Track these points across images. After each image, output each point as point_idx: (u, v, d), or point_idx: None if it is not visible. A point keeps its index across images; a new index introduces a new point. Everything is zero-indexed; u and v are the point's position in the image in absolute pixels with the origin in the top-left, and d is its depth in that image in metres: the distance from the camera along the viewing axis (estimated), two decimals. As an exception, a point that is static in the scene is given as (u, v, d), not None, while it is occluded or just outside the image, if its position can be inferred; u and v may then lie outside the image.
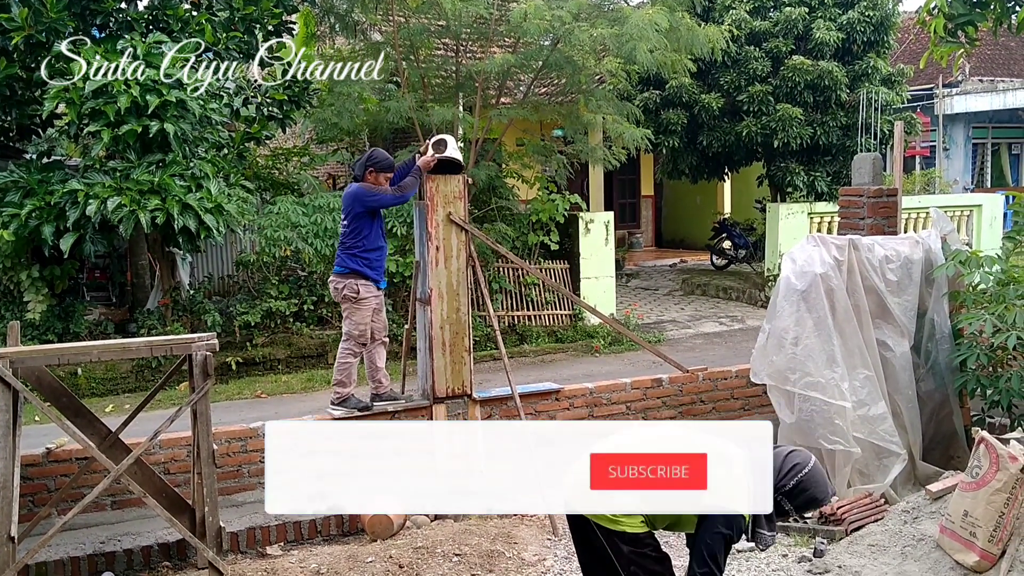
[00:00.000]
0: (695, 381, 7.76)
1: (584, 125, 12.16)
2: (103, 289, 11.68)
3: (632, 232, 21.35)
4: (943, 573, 5.11)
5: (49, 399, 5.48)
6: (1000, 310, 6.39)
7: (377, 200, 6.62)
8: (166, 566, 5.74)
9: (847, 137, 14.36)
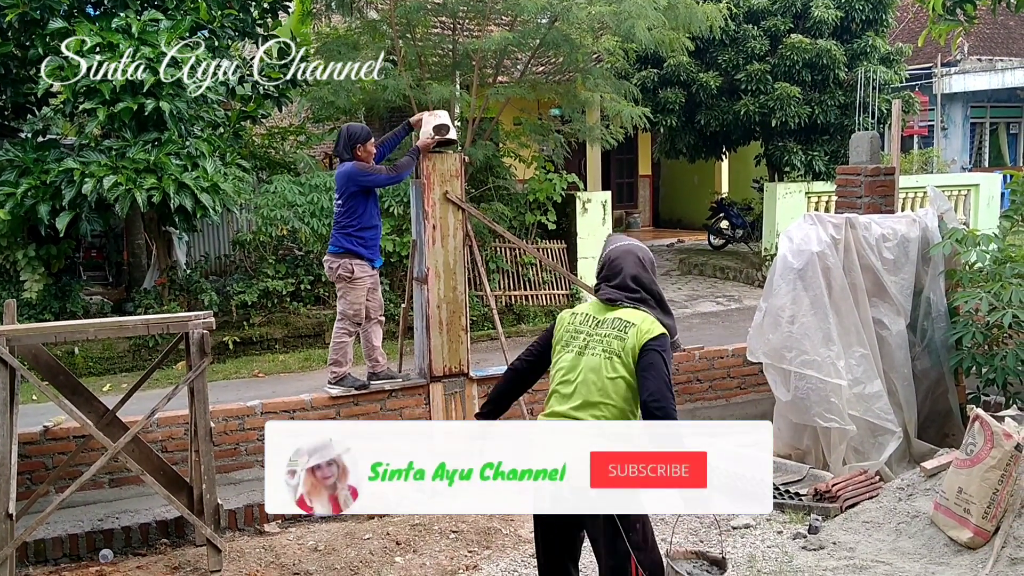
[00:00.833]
0: (692, 360, 7.78)
1: (582, 104, 12.12)
2: (99, 269, 11.68)
3: (629, 212, 21.31)
4: (937, 549, 5.15)
5: (46, 377, 5.48)
6: (996, 288, 6.40)
7: (371, 180, 6.59)
8: (164, 543, 5.77)
9: (845, 116, 14.32)
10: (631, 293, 3.82)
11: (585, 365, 3.73)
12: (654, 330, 3.69)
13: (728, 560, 4.40)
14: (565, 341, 3.85)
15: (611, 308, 3.82)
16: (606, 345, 3.71)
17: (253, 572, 5.25)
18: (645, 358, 3.65)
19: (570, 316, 3.90)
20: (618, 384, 3.68)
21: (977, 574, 4.79)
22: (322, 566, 5.27)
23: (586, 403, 3.70)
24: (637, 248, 3.98)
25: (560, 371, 3.80)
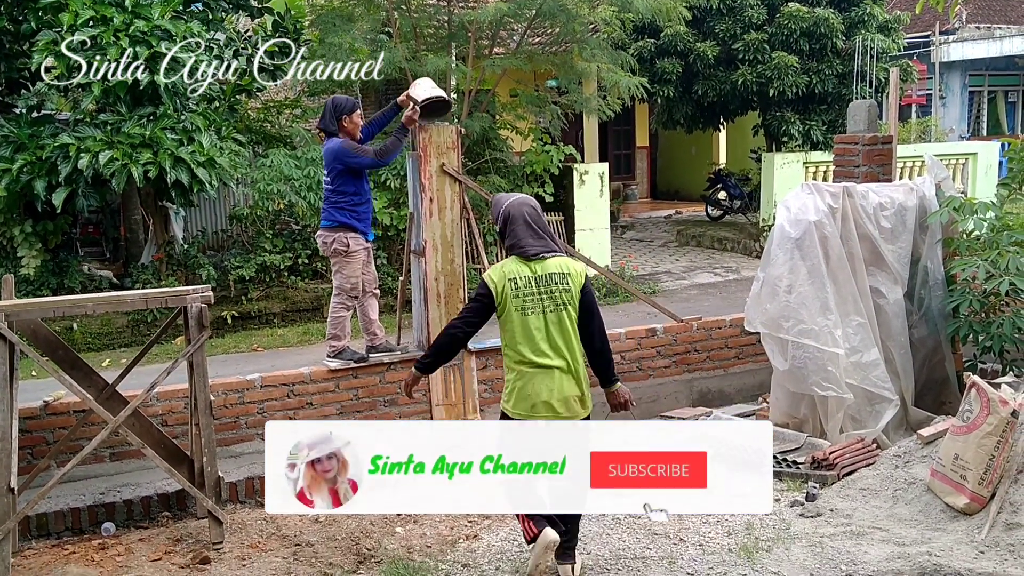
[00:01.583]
0: (689, 331, 7.79)
1: (578, 75, 12.05)
2: (97, 244, 11.67)
3: (627, 183, 21.28)
4: (934, 515, 5.19)
5: (45, 352, 5.49)
6: (993, 256, 6.42)
7: (357, 161, 6.53)
8: (166, 516, 5.80)
9: (843, 85, 14.26)
10: (547, 241, 4.41)
11: (551, 322, 4.34)
12: (582, 271, 4.43)
13: None
14: (519, 306, 4.33)
15: (538, 260, 4.35)
16: (558, 299, 4.33)
17: (255, 543, 5.29)
18: (585, 301, 4.39)
19: (510, 285, 4.33)
20: (573, 328, 4.38)
21: (973, 539, 4.83)
22: (323, 537, 5.31)
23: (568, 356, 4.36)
24: (527, 200, 4.51)
25: (532, 331, 4.33)
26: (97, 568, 5.05)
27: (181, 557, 5.17)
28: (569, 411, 4.40)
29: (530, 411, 4.38)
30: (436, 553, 5.09)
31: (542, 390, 4.35)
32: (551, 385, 4.35)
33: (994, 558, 4.60)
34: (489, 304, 4.39)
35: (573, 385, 4.40)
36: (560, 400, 4.37)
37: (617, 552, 5.00)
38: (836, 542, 4.96)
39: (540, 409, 4.36)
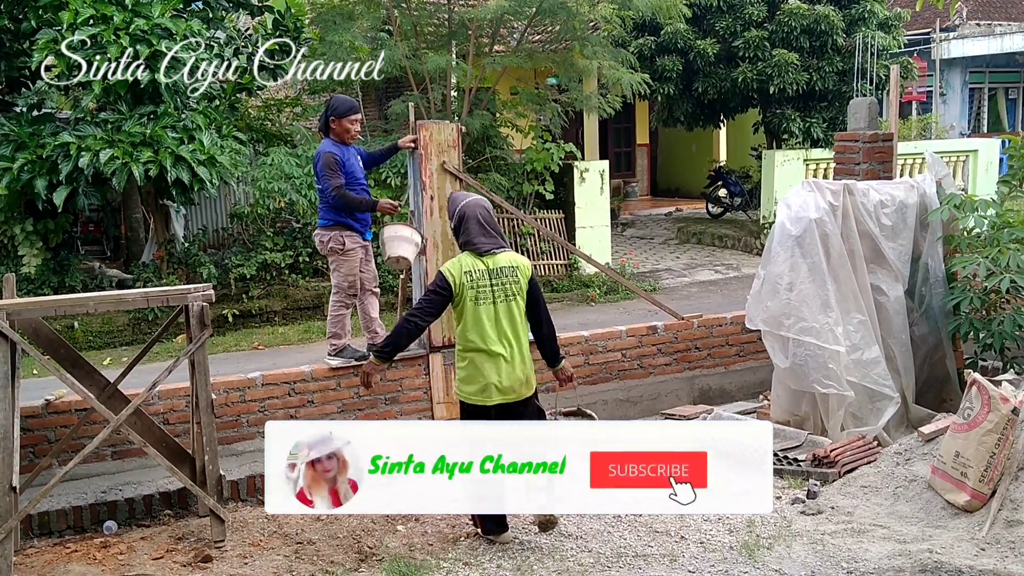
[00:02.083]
0: (690, 328, 7.79)
1: (579, 72, 12.05)
2: (97, 243, 11.67)
3: (627, 181, 21.26)
4: (934, 513, 5.19)
5: (47, 351, 5.49)
6: (994, 253, 6.42)
7: (322, 182, 6.52)
8: (168, 514, 5.81)
9: (843, 83, 14.26)
10: (497, 238, 4.89)
11: (502, 312, 4.80)
12: (528, 265, 4.93)
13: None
14: (472, 297, 4.78)
15: (490, 256, 4.81)
16: (508, 290, 4.80)
17: (256, 542, 5.30)
18: (531, 292, 4.88)
19: (466, 277, 4.77)
20: (524, 317, 4.88)
21: (974, 536, 4.84)
22: (324, 535, 5.32)
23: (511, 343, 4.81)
24: (480, 201, 5.00)
25: (484, 321, 4.78)
26: (99, 566, 5.05)
27: (183, 555, 5.18)
28: (515, 392, 4.86)
29: (481, 393, 4.83)
30: (437, 551, 5.10)
31: (491, 373, 4.80)
32: (499, 368, 4.80)
33: (995, 555, 4.61)
34: (447, 296, 4.81)
35: (519, 368, 4.85)
36: (508, 382, 4.82)
37: (618, 550, 5.00)
38: (837, 539, 4.96)
39: (490, 391, 4.81)
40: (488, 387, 4.80)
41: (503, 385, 4.81)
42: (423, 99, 11.11)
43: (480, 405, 4.86)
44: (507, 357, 4.80)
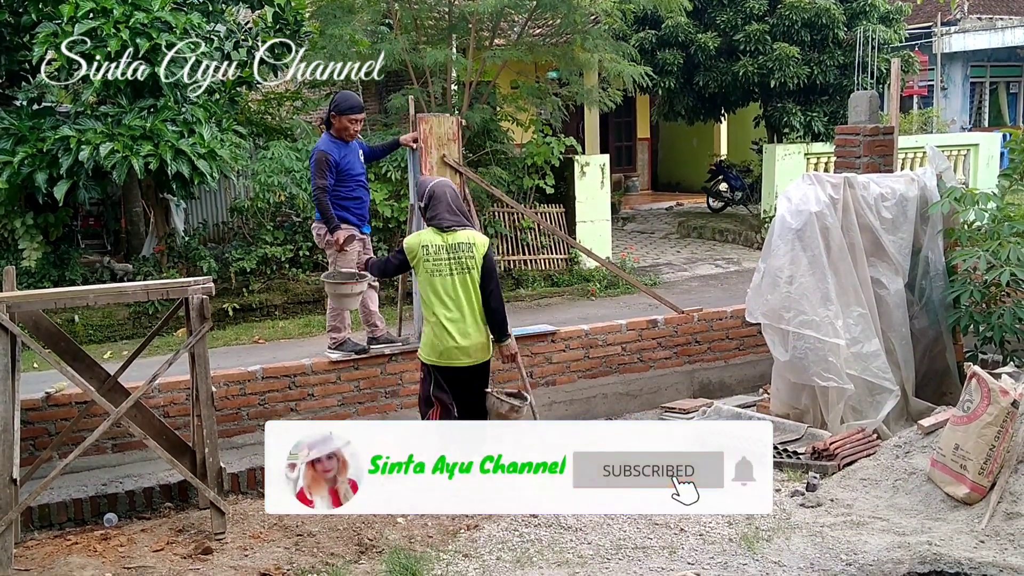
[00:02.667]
0: (690, 322, 7.79)
1: (579, 66, 12.03)
2: (98, 237, 11.66)
3: (628, 175, 21.25)
4: (934, 505, 5.20)
5: (47, 344, 5.50)
6: (994, 247, 6.42)
7: (312, 179, 6.64)
8: (168, 507, 5.82)
9: (844, 76, 14.24)
10: (460, 218, 5.32)
11: (457, 283, 5.22)
12: (485, 241, 5.35)
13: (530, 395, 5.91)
14: (429, 269, 5.24)
15: (450, 232, 5.24)
16: (464, 264, 5.23)
17: (257, 534, 5.30)
18: (486, 267, 5.28)
19: (421, 249, 5.25)
20: (476, 288, 5.25)
21: (973, 529, 4.84)
22: (325, 527, 5.32)
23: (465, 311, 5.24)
24: (448, 182, 5.54)
25: (440, 291, 5.23)
26: (100, 558, 5.06)
27: (183, 547, 5.18)
28: (471, 356, 5.32)
29: (440, 357, 5.30)
30: (437, 543, 5.10)
31: (448, 339, 5.24)
32: (455, 334, 5.24)
33: (994, 547, 4.61)
34: (404, 260, 5.40)
35: (474, 334, 5.29)
36: (464, 346, 5.26)
37: (618, 542, 5.01)
38: (836, 532, 4.97)
39: (449, 354, 5.27)
40: (449, 350, 5.27)
41: (461, 348, 5.26)
42: (423, 93, 11.10)
43: (440, 366, 5.34)
44: (462, 324, 5.25)
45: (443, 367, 5.35)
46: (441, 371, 5.38)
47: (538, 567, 4.75)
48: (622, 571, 4.65)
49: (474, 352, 5.33)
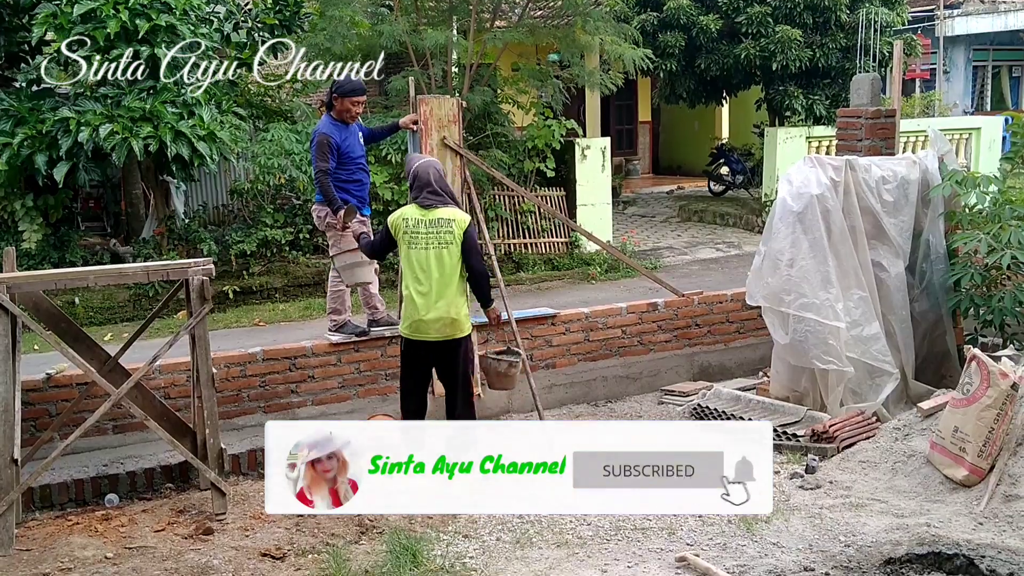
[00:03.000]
0: (690, 305, 7.80)
1: (581, 48, 11.97)
2: (98, 219, 11.63)
3: (629, 159, 21.19)
4: (933, 487, 5.22)
5: (48, 325, 5.50)
6: (995, 230, 6.42)
7: (313, 162, 6.65)
8: (169, 488, 5.85)
9: (847, 59, 14.17)
10: (441, 196, 5.41)
11: (432, 257, 5.31)
12: (466, 219, 5.44)
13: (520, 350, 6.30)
14: (408, 242, 5.35)
15: (431, 210, 5.35)
16: (441, 239, 5.31)
17: (257, 514, 5.32)
18: (466, 243, 5.34)
19: (402, 222, 5.38)
20: (455, 265, 5.34)
21: (972, 511, 4.86)
22: (325, 508, 5.34)
23: (439, 285, 5.31)
24: (433, 162, 5.63)
25: (414, 264, 5.34)
26: (101, 539, 5.08)
27: (184, 528, 5.21)
28: (440, 332, 5.37)
29: (411, 329, 5.40)
30: (437, 524, 5.13)
31: (419, 311, 5.33)
32: (427, 307, 5.32)
33: (992, 529, 4.63)
34: (388, 236, 5.49)
35: (443, 309, 5.32)
36: (433, 320, 5.33)
37: (617, 523, 5.03)
38: (835, 513, 4.99)
39: (419, 327, 5.36)
40: (416, 323, 5.36)
41: (428, 321, 5.33)
42: (423, 75, 11.05)
43: (411, 339, 5.44)
44: (430, 298, 5.32)
45: (411, 340, 5.47)
46: (410, 344, 5.50)
47: (538, 547, 4.77)
48: (621, 552, 4.67)
49: (440, 328, 5.36)
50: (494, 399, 7.11)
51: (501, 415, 7.13)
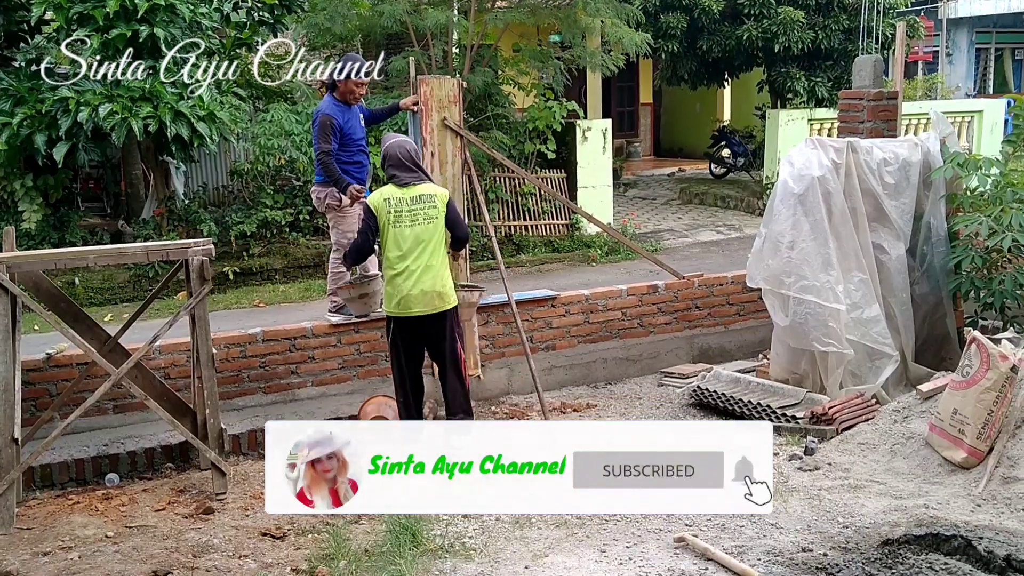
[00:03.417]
0: (691, 287, 7.79)
1: (582, 29, 11.91)
2: (97, 199, 11.62)
3: (630, 141, 21.14)
4: (931, 469, 5.22)
5: (48, 305, 5.51)
6: (996, 212, 6.40)
7: (314, 143, 6.64)
8: (169, 467, 5.86)
9: (849, 41, 14.11)
10: (416, 172, 5.52)
11: (418, 233, 5.40)
12: (446, 195, 5.57)
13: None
14: (391, 220, 5.41)
15: (409, 187, 5.43)
16: (426, 214, 5.42)
17: (257, 494, 5.33)
18: (449, 215, 5.51)
19: (384, 202, 5.42)
20: (440, 238, 5.48)
21: (970, 492, 4.87)
22: (325, 489, 5.35)
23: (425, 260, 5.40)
24: (402, 140, 5.67)
25: (400, 241, 5.40)
26: (101, 518, 5.10)
27: (185, 507, 5.22)
28: (428, 305, 5.44)
29: (399, 306, 5.44)
30: (437, 504, 5.13)
31: (405, 287, 5.39)
32: (412, 282, 5.38)
33: (990, 511, 4.64)
34: (374, 219, 5.47)
35: (429, 282, 5.42)
36: (420, 294, 5.40)
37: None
38: (834, 495, 5.00)
39: (407, 303, 5.41)
40: (403, 299, 5.41)
41: (415, 296, 5.39)
42: (424, 56, 11.01)
43: (399, 317, 5.48)
44: (419, 273, 5.39)
45: (400, 318, 5.49)
46: (398, 323, 5.52)
47: (537, 527, 4.78)
48: (620, 532, 4.68)
49: (428, 302, 5.43)
50: (494, 381, 7.13)
51: (501, 396, 7.15)
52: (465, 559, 4.47)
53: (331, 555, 4.56)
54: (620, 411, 6.77)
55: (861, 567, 4.15)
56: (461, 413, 5.72)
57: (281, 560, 4.55)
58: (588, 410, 6.81)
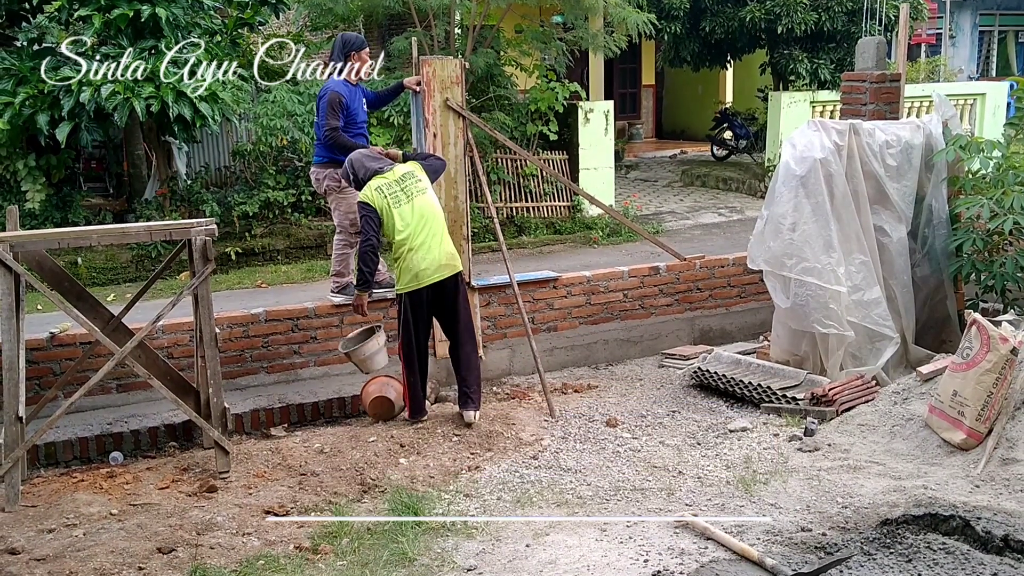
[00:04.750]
0: (692, 269, 7.81)
1: (585, 10, 11.85)
2: (100, 180, 11.60)
3: (632, 123, 21.09)
4: (930, 451, 5.25)
5: (51, 285, 5.52)
6: (998, 195, 6.41)
7: (322, 120, 6.64)
8: (173, 446, 5.90)
9: (852, 23, 14.04)
10: (383, 159, 5.94)
11: (416, 207, 5.75)
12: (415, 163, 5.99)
13: None
14: (391, 204, 5.71)
15: (389, 171, 5.79)
16: (417, 187, 5.80)
17: (261, 473, 5.37)
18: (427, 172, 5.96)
19: (377, 192, 5.72)
20: (435, 205, 5.89)
21: (969, 474, 4.90)
22: (328, 467, 5.39)
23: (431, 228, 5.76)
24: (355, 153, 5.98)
25: (406, 219, 5.70)
26: (106, 495, 5.14)
27: (188, 486, 5.26)
28: (441, 271, 5.79)
29: (417, 278, 5.73)
30: (439, 483, 5.17)
31: (419, 262, 5.70)
32: (425, 256, 5.71)
33: (989, 492, 4.67)
34: (376, 213, 5.70)
35: (438, 250, 5.77)
36: (435, 265, 5.74)
37: (616, 483, 5.08)
38: (833, 475, 5.03)
39: (422, 275, 5.73)
40: (421, 272, 5.72)
41: (431, 267, 5.73)
42: (426, 36, 10.97)
43: (416, 289, 5.76)
44: (428, 244, 5.73)
45: (417, 290, 5.77)
46: (412, 296, 5.79)
47: (538, 507, 4.82)
48: (620, 511, 4.72)
49: (441, 268, 5.79)
50: (496, 361, 7.16)
51: (502, 376, 7.18)
52: (467, 537, 4.51)
53: (334, 533, 4.61)
54: (621, 392, 6.80)
55: (860, 547, 4.19)
56: (475, 385, 6.03)
57: (284, 538, 4.59)
58: (589, 391, 6.85)
